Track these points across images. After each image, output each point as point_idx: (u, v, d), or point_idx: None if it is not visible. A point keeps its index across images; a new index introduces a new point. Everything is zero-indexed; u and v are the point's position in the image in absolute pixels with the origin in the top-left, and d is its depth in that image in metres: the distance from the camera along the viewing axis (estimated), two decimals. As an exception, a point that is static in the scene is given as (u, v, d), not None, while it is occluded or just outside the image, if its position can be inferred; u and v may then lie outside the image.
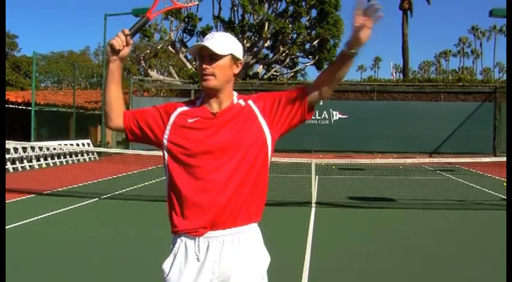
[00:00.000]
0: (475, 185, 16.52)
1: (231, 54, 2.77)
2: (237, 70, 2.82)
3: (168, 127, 2.76)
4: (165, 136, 2.76)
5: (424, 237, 8.90)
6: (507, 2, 15.50)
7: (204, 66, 2.72)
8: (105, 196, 13.10)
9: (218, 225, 2.68)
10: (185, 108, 2.81)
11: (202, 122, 2.73)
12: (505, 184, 16.65)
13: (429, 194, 14.41)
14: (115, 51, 2.76)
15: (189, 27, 40.04)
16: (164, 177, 2.81)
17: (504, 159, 17.67)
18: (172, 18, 38.63)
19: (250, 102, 2.82)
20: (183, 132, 2.72)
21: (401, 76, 56.09)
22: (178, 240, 2.76)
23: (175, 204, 2.74)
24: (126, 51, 2.81)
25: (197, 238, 2.69)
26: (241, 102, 2.82)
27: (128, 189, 14.56)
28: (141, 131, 2.85)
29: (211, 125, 2.72)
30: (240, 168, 2.70)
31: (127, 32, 2.76)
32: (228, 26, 39.34)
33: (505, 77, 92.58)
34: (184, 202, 2.70)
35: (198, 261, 2.69)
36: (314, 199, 12.17)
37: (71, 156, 23.50)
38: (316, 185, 14.18)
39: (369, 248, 8.10)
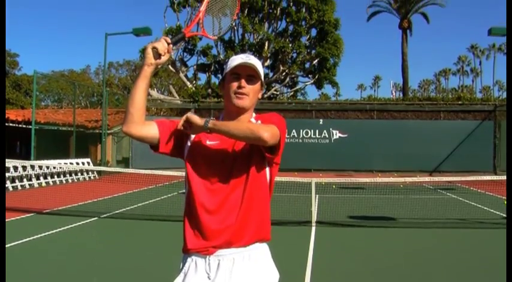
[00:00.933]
0: (475, 204, 16.48)
1: (261, 79, 2.85)
2: (260, 95, 2.91)
3: (188, 146, 2.83)
4: (185, 154, 2.83)
5: (425, 256, 8.86)
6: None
7: (243, 84, 2.76)
8: (104, 215, 13.06)
9: (230, 244, 2.73)
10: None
11: (221, 144, 2.78)
12: (505, 203, 16.62)
13: (430, 212, 14.37)
14: (157, 56, 2.75)
15: (189, 47, 40.21)
16: (160, 197, 2.84)
17: (504, 177, 17.66)
18: (173, 38, 38.74)
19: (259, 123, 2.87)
20: (201, 152, 2.78)
21: (401, 95, 56.22)
22: (189, 259, 2.79)
23: (190, 222, 2.77)
24: (165, 59, 2.80)
25: (208, 256, 2.73)
26: (254, 121, 2.91)
27: (127, 208, 14.52)
28: (171, 144, 2.88)
29: (228, 147, 2.78)
30: (250, 188, 2.76)
31: (169, 40, 2.77)
32: (228, 45, 39.53)
33: (504, 95, 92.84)
34: (197, 221, 2.73)
35: (209, 279, 2.72)
36: (314, 218, 12.14)
37: (70, 175, 23.48)
38: (317, 204, 14.15)
39: (369, 268, 8.06)
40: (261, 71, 2.83)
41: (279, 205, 13.68)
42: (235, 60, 2.79)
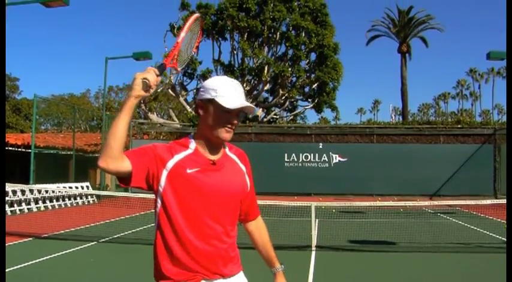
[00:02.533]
0: (476, 228, 16.43)
1: None
2: None
3: (164, 175, 2.69)
4: (161, 184, 2.70)
5: (425, 281, 8.81)
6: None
7: (235, 121, 2.76)
8: (103, 240, 13.01)
9: (220, 272, 2.73)
10: (181, 155, 2.73)
11: (202, 171, 2.71)
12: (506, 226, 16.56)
13: (430, 237, 14.31)
14: (146, 87, 2.61)
15: (189, 71, 40.39)
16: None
17: (505, 201, 17.61)
18: (173, 62, 38.92)
19: (234, 157, 2.91)
20: (182, 182, 2.68)
21: (401, 118, 56.35)
22: None
23: (170, 251, 2.69)
24: (152, 92, 2.70)
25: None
26: (229, 153, 2.91)
27: (126, 232, 14.46)
28: (143, 178, 2.73)
29: (211, 173, 2.73)
30: (232, 216, 2.81)
31: (157, 72, 2.68)
32: (228, 70, 39.66)
33: (504, 119, 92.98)
34: (182, 250, 2.67)
35: None
36: (314, 242, 12.09)
37: (70, 199, 23.43)
38: (316, 229, 14.10)
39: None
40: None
41: (279, 229, 13.62)
42: (230, 92, 2.73)
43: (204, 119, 2.78)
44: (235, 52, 40.50)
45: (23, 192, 20.11)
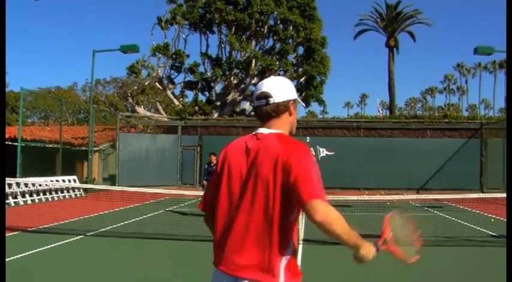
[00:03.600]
0: (462, 222, 16.50)
1: None
2: None
3: None
4: None
5: (411, 275, 8.83)
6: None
7: None
8: (91, 233, 12.96)
9: None
10: None
11: None
12: (492, 220, 16.67)
13: (416, 230, 14.34)
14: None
15: (176, 64, 40.32)
16: (146, 215, 2.76)
17: (491, 195, 17.71)
18: (160, 55, 38.84)
19: None
20: None
21: (388, 113, 56.49)
22: None
23: (295, 252, 2.88)
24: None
25: None
26: None
27: (114, 226, 14.41)
28: None
29: None
30: None
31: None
32: (216, 63, 39.61)
33: (491, 114, 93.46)
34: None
35: None
36: (301, 236, 12.10)
37: (57, 193, 23.32)
38: (304, 222, 14.10)
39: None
40: None
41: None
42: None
43: (292, 118, 3.00)
44: (222, 45, 40.45)
45: (9, 185, 19.99)
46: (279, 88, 2.90)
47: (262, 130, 2.92)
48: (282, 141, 2.80)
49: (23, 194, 20.92)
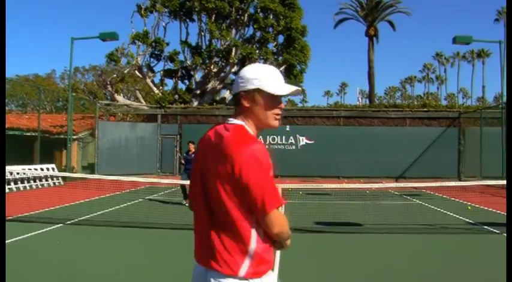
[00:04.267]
0: (440, 209, 16.64)
1: None
2: None
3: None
4: None
5: (391, 262, 8.91)
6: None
7: (283, 106, 2.83)
8: (70, 222, 12.90)
9: None
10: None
11: None
12: (469, 208, 16.85)
13: (395, 218, 14.48)
14: None
15: (156, 52, 40.16)
16: (125, 204, 2.73)
17: (468, 183, 17.91)
18: (140, 43, 38.63)
19: None
20: None
21: (368, 101, 56.71)
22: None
23: (267, 244, 2.76)
24: None
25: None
26: None
27: (93, 214, 14.36)
28: None
29: None
30: None
31: None
32: (195, 51, 39.51)
33: (468, 103, 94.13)
34: (270, 243, 2.78)
35: None
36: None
37: (35, 181, 23.16)
38: (283, 210, 14.15)
39: (335, 274, 8.08)
40: None
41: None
42: (280, 80, 2.79)
43: (253, 111, 2.77)
44: (202, 34, 40.33)
45: (-14, 174, 19.83)
46: (238, 78, 2.82)
47: (230, 119, 2.82)
48: (231, 135, 2.69)
49: None
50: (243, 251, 2.65)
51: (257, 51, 39.26)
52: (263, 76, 2.74)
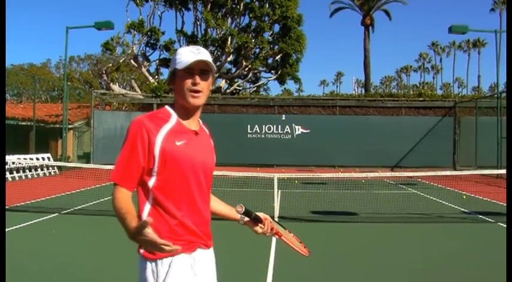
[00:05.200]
0: (435, 199, 16.68)
1: (213, 72, 2.80)
2: (211, 88, 2.86)
3: (157, 153, 2.60)
4: (156, 162, 2.62)
5: (386, 251, 8.94)
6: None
7: (197, 81, 2.68)
8: (65, 211, 12.91)
9: (209, 242, 2.81)
10: (166, 127, 2.65)
11: (189, 142, 2.69)
12: (464, 197, 16.90)
13: (391, 207, 14.51)
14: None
15: (151, 41, 39.98)
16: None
17: (463, 173, 17.95)
18: (135, 32, 38.50)
19: (207, 131, 2.97)
20: (174, 155, 2.62)
21: (363, 91, 56.64)
22: (179, 258, 2.65)
23: (169, 225, 2.64)
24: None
25: (192, 253, 2.70)
26: (203, 126, 2.93)
27: (88, 204, 14.36)
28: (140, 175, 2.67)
29: (196, 144, 2.73)
30: (210, 186, 2.84)
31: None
32: (191, 40, 39.37)
33: (464, 92, 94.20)
34: (182, 222, 2.66)
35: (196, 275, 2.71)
36: (276, 213, 12.16)
37: (30, 171, 23.13)
38: (279, 199, 14.19)
39: (331, 263, 8.10)
40: (213, 63, 2.74)
41: (241, 200, 13.67)
42: (186, 54, 2.68)
43: (175, 91, 2.75)
44: (198, 23, 40.24)
45: (-18, 163, 19.78)
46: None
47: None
48: None
49: (-4, 172, 20.72)
50: None
51: (253, 40, 39.18)
52: (174, 57, 2.74)
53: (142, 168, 2.61)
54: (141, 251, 2.62)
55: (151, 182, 2.63)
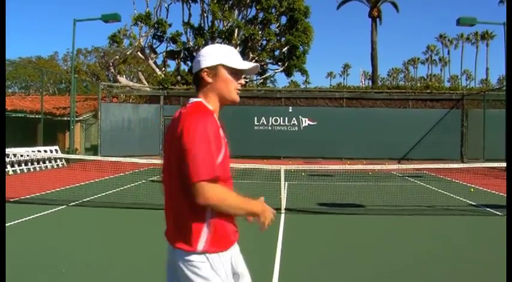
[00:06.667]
0: (443, 191, 16.64)
1: None
2: None
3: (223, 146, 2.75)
4: (221, 154, 2.73)
5: (393, 243, 8.93)
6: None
7: (243, 82, 2.89)
8: (73, 203, 12.94)
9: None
10: (216, 122, 2.77)
11: (224, 135, 2.80)
12: (471, 190, 16.85)
13: (398, 200, 14.48)
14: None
15: (158, 33, 39.94)
16: (128, 185, 2.73)
17: (471, 165, 17.88)
18: (142, 24, 38.48)
19: None
20: (226, 148, 2.79)
21: (370, 83, 56.54)
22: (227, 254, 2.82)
23: (224, 217, 2.76)
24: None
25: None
26: None
27: (96, 196, 14.39)
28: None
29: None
30: None
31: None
32: (198, 33, 39.35)
33: (472, 85, 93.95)
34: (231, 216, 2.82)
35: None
36: (283, 205, 12.16)
37: (38, 163, 23.18)
38: (286, 192, 14.19)
39: (338, 255, 8.10)
40: None
41: (248, 192, 13.68)
42: (239, 57, 2.89)
43: (214, 86, 2.84)
44: (205, 15, 40.14)
45: (-10, 155, 19.86)
46: (200, 56, 2.88)
47: (191, 99, 2.88)
48: (187, 110, 2.77)
49: (4, 164, 20.79)
50: (199, 224, 2.69)
51: (260, 32, 39.11)
52: (225, 52, 2.84)
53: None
54: (200, 247, 2.70)
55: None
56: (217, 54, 2.82)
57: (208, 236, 2.68)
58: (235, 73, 2.84)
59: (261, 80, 45.77)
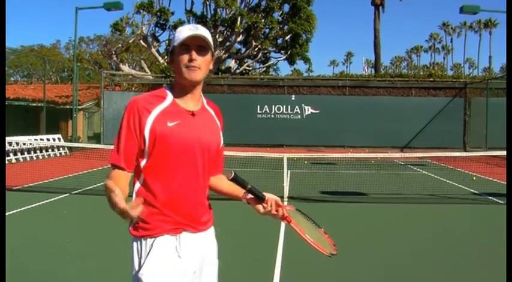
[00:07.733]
0: (445, 179, 16.66)
1: (212, 50, 2.75)
2: (211, 67, 2.80)
3: (147, 133, 2.62)
4: (146, 142, 2.63)
5: (395, 231, 8.96)
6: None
7: (194, 56, 2.63)
8: (76, 191, 12.98)
9: (200, 224, 2.78)
10: (159, 108, 2.64)
11: (183, 123, 2.66)
12: (474, 178, 16.86)
13: (400, 188, 14.49)
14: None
15: (161, 22, 39.86)
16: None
17: (474, 154, 17.87)
18: (144, 12, 38.40)
19: (211, 111, 2.88)
20: (165, 135, 2.61)
21: (373, 71, 56.38)
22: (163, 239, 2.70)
23: (155, 205, 2.66)
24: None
25: (178, 235, 2.69)
26: (207, 106, 2.86)
27: (99, 184, 14.40)
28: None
29: (192, 124, 2.69)
30: (208, 167, 2.79)
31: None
32: (201, 20, 39.24)
33: (475, 73, 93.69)
34: (170, 202, 2.66)
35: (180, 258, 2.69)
36: (286, 193, 12.18)
37: (41, 151, 23.22)
38: (288, 180, 14.21)
39: (341, 243, 8.11)
40: (211, 41, 2.72)
41: (250, 180, 13.70)
42: (183, 31, 2.67)
43: (174, 68, 2.73)
44: (207, 3, 40.03)
45: (-7, 143, 19.89)
46: None
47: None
48: None
49: (7, 153, 20.81)
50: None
51: (262, 21, 39.00)
52: (176, 34, 2.73)
53: (138, 148, 2.64)
54: (130, 228, 2.75)
55: (143, 163, 2.66)
56: (172, 40, 2.77)
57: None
58: (182, 49, 2.66)
59: (264, 68, 45.70)
